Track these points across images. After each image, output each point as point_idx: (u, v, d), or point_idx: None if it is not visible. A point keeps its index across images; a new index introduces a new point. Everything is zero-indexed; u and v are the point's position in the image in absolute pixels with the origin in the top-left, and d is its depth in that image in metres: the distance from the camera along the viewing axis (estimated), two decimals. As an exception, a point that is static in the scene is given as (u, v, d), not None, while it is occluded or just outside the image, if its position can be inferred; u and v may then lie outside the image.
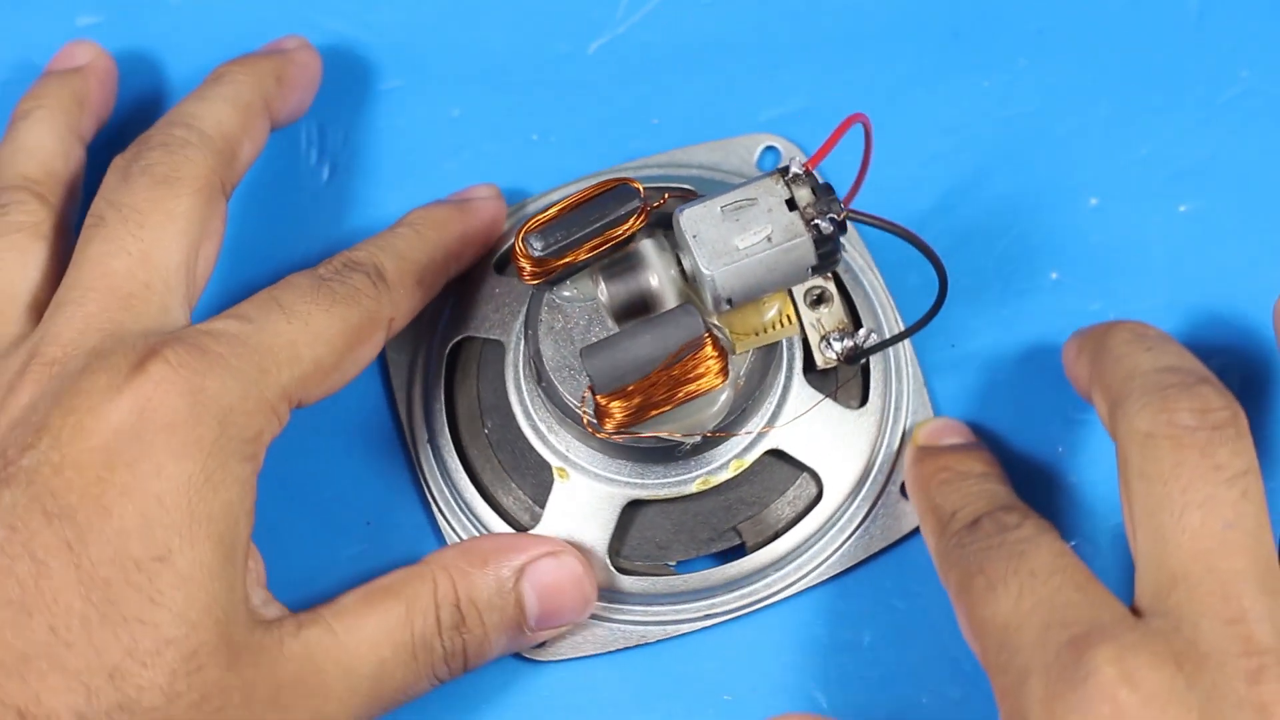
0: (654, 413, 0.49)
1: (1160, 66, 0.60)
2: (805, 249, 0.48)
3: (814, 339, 0.54)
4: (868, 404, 0.55)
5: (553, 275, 0.51)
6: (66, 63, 0.58)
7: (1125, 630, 0.44)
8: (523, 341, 0.53)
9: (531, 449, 0.54)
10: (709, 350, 0.48)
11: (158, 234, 0.51)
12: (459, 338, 0.56)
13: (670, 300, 0.50)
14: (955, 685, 0.54)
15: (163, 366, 0.47)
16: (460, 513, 0.55)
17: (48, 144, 0.55)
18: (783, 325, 0.51)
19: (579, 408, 0.50)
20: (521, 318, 0.54)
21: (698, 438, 0.51)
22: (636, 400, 0.49)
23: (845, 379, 0.55)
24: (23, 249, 0.53)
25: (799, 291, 0.54)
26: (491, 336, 0.56)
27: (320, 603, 0.50)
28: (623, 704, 0.55)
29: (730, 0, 0.61)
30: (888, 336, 0.55)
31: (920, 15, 0.61)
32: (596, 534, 0.54)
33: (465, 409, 0.56)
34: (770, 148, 0.59)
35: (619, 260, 0.50)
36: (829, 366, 0.54)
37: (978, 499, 0.50)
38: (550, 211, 0.50)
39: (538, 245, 0.49)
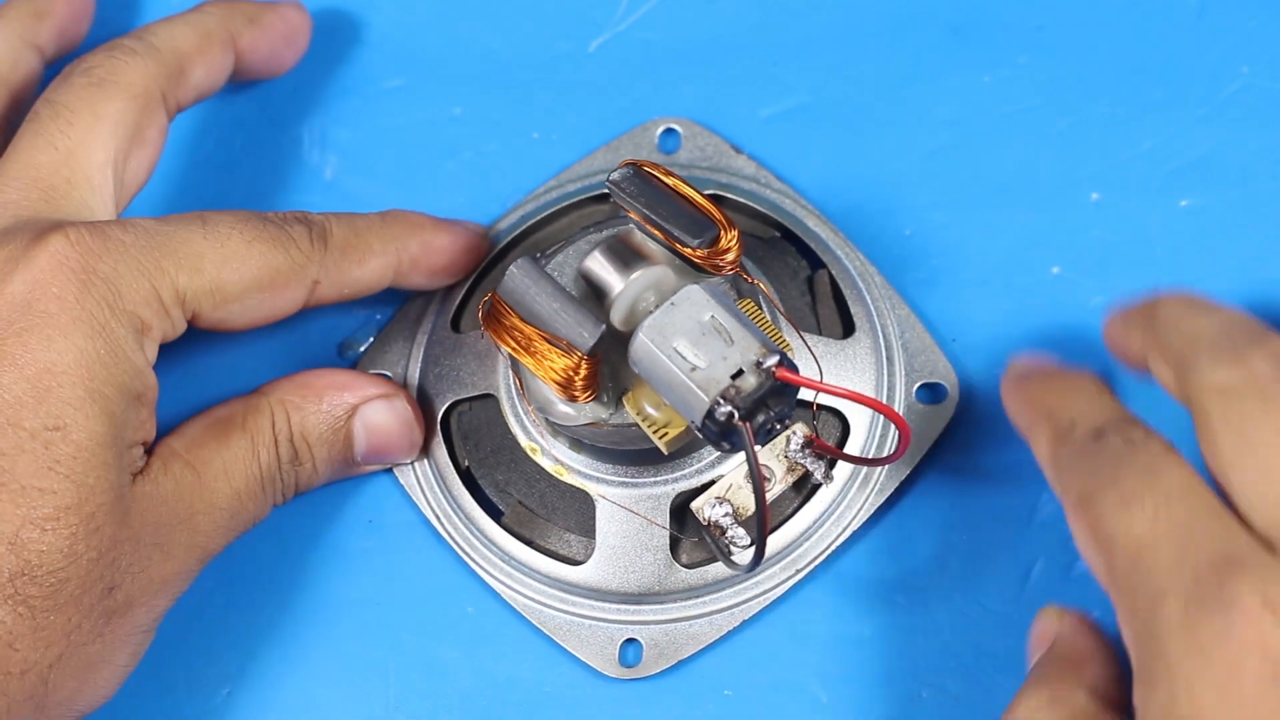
0: (518, 353, 0.49)
1: (1161, 62, 0.60)
2: (698, 406, 0.46)
3: (716, 488, 0.53)
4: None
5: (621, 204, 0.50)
6: None
7: (1264, 559, 0.43)
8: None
9: None
10: (582, 367, 0.48)
11: (85, 133, 0.52)
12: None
13: (617, 315, 0.50)
14: (956, 680, 0.54)
15: (61, 241, 0.48)
16: None
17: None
18: (656, 432, 0.50)
19: (487, 297, 0.50)
20: None
21: (510, 393, 0.54)
22: (514, 328, 0.49)
23: (689, 543, 0.54)
24: None
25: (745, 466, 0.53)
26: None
27: (172, 435, 0.52)
28: (623, 700, 0.55)
29: (731, -2, 0.62)
30: (742, 563, 0.52)
31: (920, 12, 0.61)
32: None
33: None
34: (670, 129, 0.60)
35: (630, 248, 0.50)
36: (696, 513, 0.53)
37: (1098, 410, 0.49)
38: (665, 173, 0.50)
39: (615, 176, 0.50)
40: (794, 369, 0.46)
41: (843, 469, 0.55)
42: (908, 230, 0.58)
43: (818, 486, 0.54)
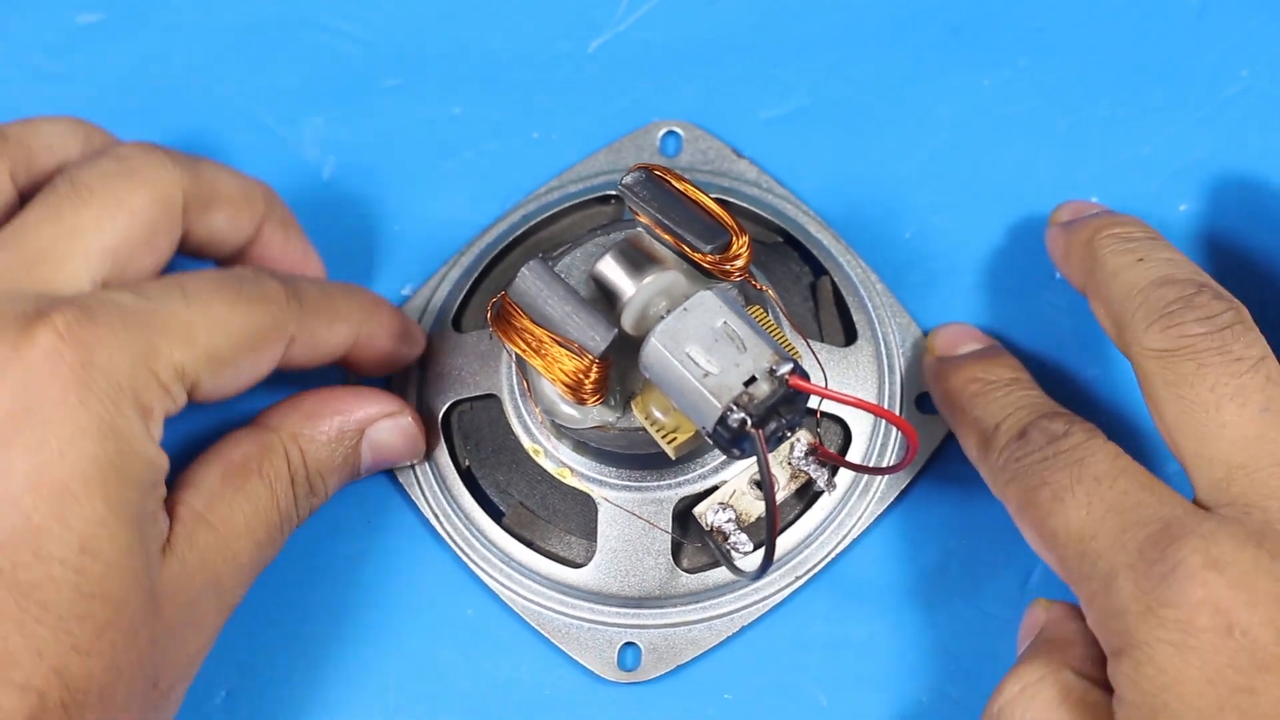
0: (528, 355, 0.49)
1: (1160, 65, 0.60)
2: (710, 412, 0.46)
3: (720, 494, 0.53)
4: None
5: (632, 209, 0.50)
6: None
7: (1200, 521, 0.45)
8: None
9: None
10: (593, 370, 0.48)
11: (98, 213, 0.49)
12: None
13: (628, 320, 0.49)
14: (955, 684, 0.54)
15: (50, 335, 0.46)
16: None
17: (53, 126, 0.53)
18: (664, 437, 0.50)
19: (496, 297, 0.50)
20: None
21: (513, 394, 0.54)
22: (524, 329, 0.49)
23: (691, 548, 0.55)
24: None
25: (752, 469, 0.53)
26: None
27: (188, 489, 0.50)
28: (622, 703, 0.55)
29: (730, -2, 0.62)
30: (751, 561, 0.53)
31: (920, 13, 0.61)
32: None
33: None
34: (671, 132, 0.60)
35: (643, 253, 0.50)
36: (699, 518, 0.53)
37: (1017, 409, 0.50)
38: (676, 178, 0.50)
39: (628, 179, 0.50)
40: (806, 377, 0.46)
41: (844, 476, 0.55)
42: (908, 233, 0.58)
43: (819, 494, 0.54)
